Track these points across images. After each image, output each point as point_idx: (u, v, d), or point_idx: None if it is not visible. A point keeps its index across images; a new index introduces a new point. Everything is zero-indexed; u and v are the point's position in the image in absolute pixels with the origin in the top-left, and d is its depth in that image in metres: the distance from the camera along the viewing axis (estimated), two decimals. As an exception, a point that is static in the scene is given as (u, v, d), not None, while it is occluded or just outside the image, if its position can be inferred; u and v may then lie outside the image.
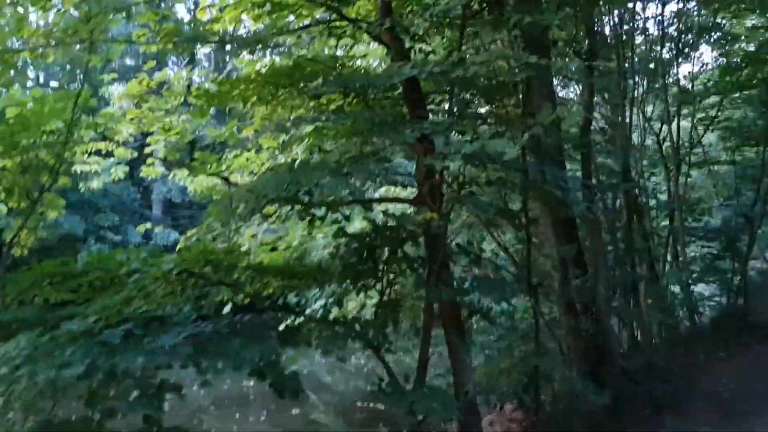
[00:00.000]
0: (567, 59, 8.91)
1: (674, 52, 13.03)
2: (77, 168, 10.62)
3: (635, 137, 13.90)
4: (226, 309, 6.89)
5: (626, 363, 8.94)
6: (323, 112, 5.77)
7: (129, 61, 28.95)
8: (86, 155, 10.12)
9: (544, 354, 6.87)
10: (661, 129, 13.24)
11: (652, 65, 12.80)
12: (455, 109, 6.20)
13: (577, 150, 8.51)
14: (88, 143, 9.58)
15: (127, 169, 11.12)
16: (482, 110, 7.82)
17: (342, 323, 5.93)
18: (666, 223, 13.28)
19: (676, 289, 11.66)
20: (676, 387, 8.74)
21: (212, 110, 9.64)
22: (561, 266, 8.35)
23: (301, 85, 5.79)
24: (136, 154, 10.49)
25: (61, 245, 24.83)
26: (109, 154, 10.41)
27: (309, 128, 6.78)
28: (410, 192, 6.83)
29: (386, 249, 5.88)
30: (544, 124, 5.64)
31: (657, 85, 12.56)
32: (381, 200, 6.59)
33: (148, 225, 13.36)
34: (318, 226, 5.91)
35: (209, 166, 8.50)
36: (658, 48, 12.96)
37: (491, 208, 5.92)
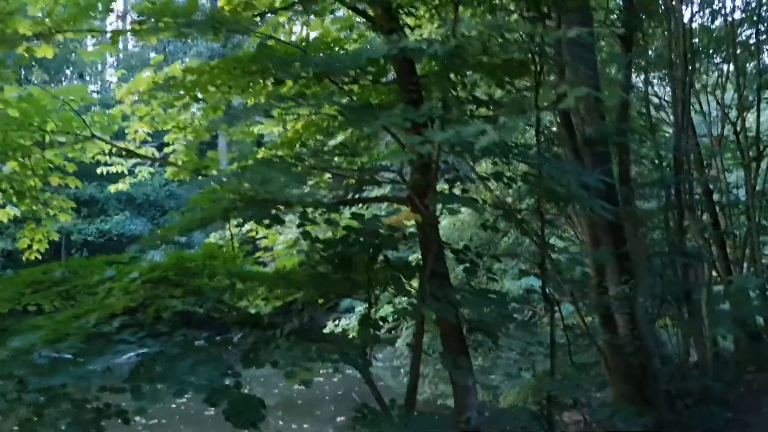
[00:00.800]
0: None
1: (759, 33, 11.79)
2: (103, 170, 10.36)
3: (702, 126, 12.66)
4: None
5: (678, 383, 7.83)
6: (283, 99, 5.05)
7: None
8: (107, 156, 9.79)
9: (561, 377, 5.90)
10: (738, 117, 11.98)
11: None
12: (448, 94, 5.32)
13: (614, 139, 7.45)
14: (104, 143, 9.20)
15: (152, 170, 10.73)
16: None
17: (316, 340, 5.18)
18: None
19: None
20: (737, 412, 7.58)
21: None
22: (597, 273, 7.36)
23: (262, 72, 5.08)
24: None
25: (127, 247, 25.25)
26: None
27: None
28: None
29: (365, 256, 5.10)
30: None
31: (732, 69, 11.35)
32: (359, 201, 5.80)
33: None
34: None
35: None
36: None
37: (486, 207, 5.04)
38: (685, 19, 10.12)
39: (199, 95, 6.99)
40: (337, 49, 6.00)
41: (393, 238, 4.96)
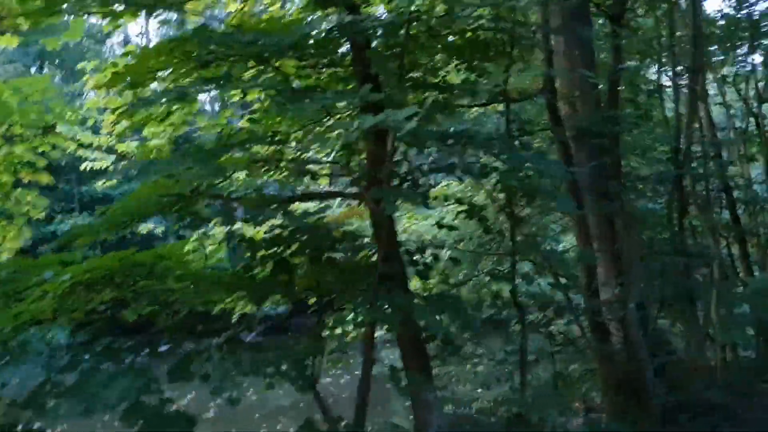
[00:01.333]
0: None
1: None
2: (87, 165, 10.04)
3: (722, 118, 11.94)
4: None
5: (684, 393, 7.19)
6: (209, 82, 4.54)
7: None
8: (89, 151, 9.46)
9: (536, 391, 5.31)
10: (759, 109, 11.27)
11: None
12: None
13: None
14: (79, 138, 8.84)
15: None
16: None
17: (254, 350, 4.69)
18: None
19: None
20: (745, 425, 6.91)
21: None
22: (587, 274, 6.74)
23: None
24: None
25: (142, 244, 24.83)
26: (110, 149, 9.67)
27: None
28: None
29: (305, 258, 4.60)
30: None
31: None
32: (308, 197, 5.27)
33: (150, 225, 12.47)
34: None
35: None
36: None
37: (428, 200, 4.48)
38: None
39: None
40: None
41: (331, 237, 4.45)
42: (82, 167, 10.30)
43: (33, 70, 31.73)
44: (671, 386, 7.24)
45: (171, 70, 4.90)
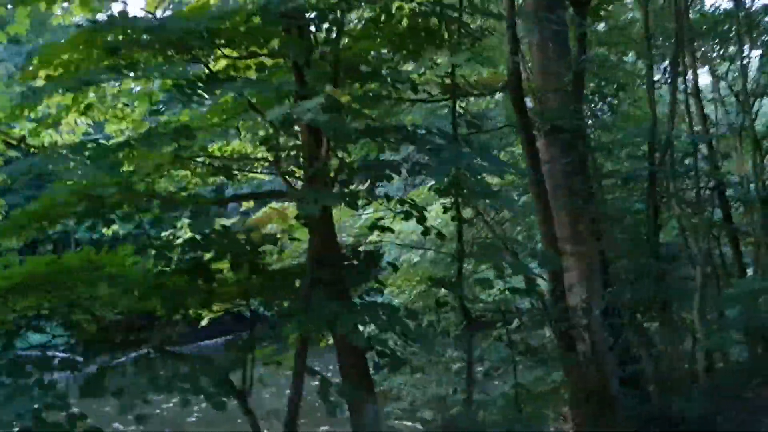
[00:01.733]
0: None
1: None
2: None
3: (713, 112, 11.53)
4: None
5: (659, 404, 6.82)
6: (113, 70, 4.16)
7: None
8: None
9: (487, 406, 4.93)
10: (753, 102, 10.86)
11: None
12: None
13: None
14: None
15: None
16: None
17: (177, 360, 4.33)
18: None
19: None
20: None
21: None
22: (552, 278, 6.36)
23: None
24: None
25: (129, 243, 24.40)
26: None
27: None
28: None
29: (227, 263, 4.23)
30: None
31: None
32: (238, 198, 4.89)
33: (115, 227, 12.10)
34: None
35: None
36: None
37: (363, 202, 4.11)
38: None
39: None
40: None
41: (251, 242, 4.09)
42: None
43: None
44: (648, 395, 6.87)
45: (84, 60, 4.54)
